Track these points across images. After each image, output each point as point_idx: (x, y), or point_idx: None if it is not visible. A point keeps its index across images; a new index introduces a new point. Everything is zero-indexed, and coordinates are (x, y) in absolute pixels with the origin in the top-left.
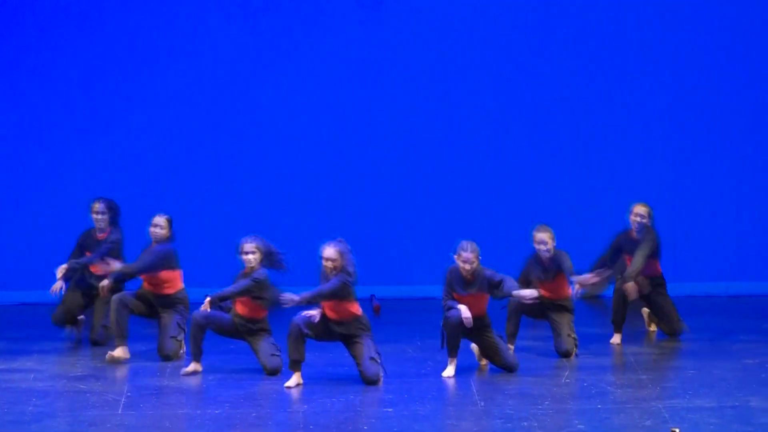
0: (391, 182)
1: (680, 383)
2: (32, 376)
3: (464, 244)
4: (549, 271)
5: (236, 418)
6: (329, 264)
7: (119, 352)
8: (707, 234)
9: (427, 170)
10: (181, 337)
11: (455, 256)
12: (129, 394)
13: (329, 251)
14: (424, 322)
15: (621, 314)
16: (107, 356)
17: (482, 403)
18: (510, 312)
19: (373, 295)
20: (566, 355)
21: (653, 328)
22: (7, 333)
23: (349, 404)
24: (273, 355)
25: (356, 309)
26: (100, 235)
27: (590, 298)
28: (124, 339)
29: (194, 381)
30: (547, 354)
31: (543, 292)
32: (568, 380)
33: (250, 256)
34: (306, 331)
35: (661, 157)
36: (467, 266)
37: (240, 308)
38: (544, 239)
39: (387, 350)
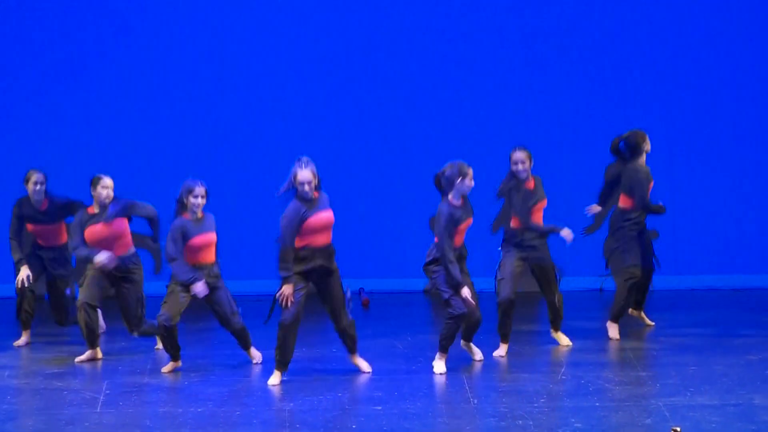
0: (382, 174)
1: (681, 380)
2: (6, 373)
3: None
4: (532, 198)
5: (219, 416)
6: (308, 187)
7: (91, 354)
8: (709, 226)
9: (418, 163)
10: (141, 311)
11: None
12: (107, 391)
13: (305, 174)
14: (413, 317)
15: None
16: (76, 360)
17: (475, 401)
18: (501, 312)
19: (361, 289)
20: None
21: (649, 322)
22: None
23: (337, 402)
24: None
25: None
26: (42, 207)
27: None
28: (96, 343)
29: (175, 378)
30: (543, 350)
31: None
32: (564, 377)
33: (200, 200)
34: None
35: (663, 151)
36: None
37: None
38: (521, 158)
39: (376, 346)
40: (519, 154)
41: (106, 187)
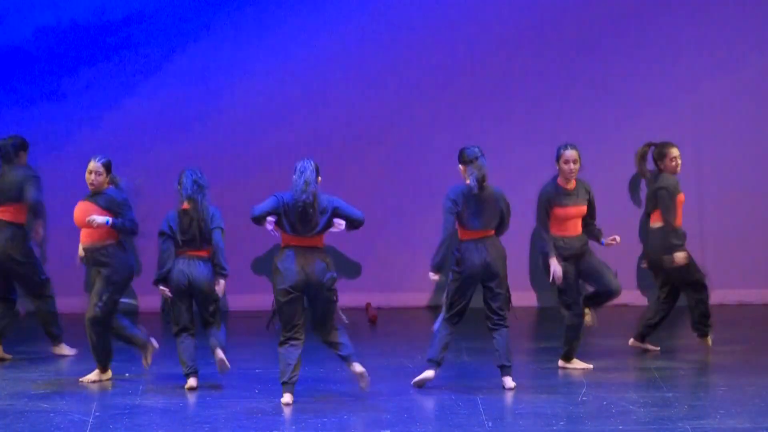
0: (389, 187)
1: (710, 402)
2: None
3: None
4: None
5: None
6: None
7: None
8: (739, 239)
9: (426, 176)
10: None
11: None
12: (97, 413)
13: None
14: (423, 333)
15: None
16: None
17: (490, 424)
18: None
19: (368, 304)
20: (618, 292)
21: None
22: None
23: (343, 425)
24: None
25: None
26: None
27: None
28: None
29: (169, 399)
30: (562, 373)
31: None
32: (585, 398)
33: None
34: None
35: (687, 165)
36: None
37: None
38: (573, 156)
39: (385, 365)
40: (571, 153)
41: (90, 172)
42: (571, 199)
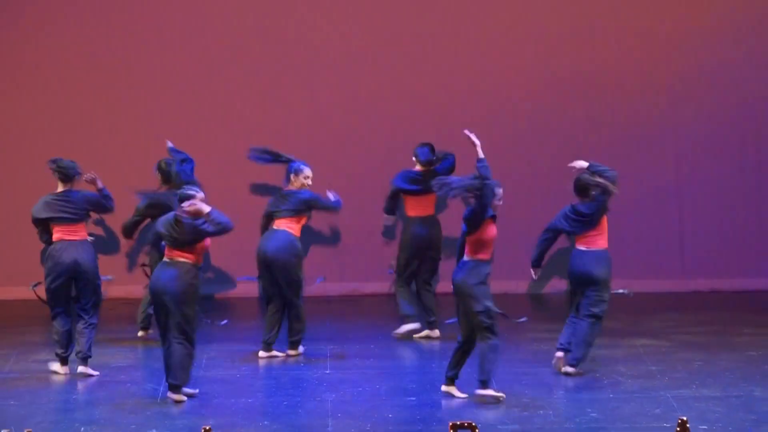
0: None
1: (687, 374)
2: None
3: None
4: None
5: (269, 406)
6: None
7: None
8: (713, 234)
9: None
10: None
11: None
12: (167, 384)
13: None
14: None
15: None
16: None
17: (501, 393)
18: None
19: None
20: None
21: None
22: None
23: (375, 393)
24: None
25: None
26: None
27: None
28: None
29: (227, 371)
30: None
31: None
32: (581, 371)
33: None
34: None
35: (670, 157)
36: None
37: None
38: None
39: (408, 342)
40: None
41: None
42: None
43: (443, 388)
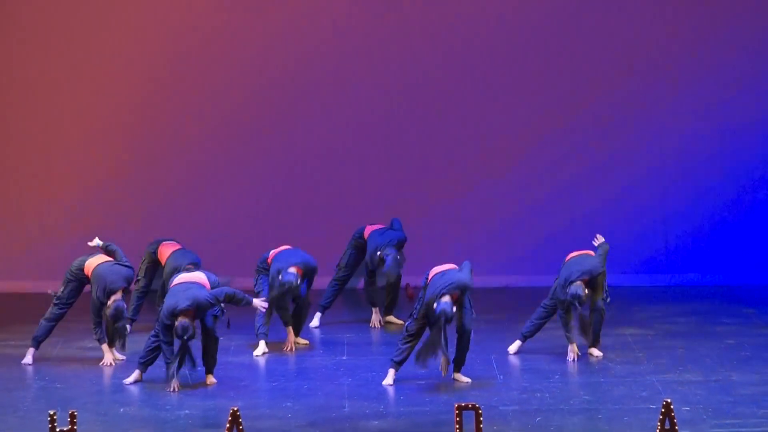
0: (393, 177)
1: (671, 360)
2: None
3: None
4: None
5: (290, 389)
6: None
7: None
8: (695, 231)
9: (428, 168)
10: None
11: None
12: (198, 367)
13: None
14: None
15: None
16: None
17: (501, 377)
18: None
19: (408, 284)
20: None
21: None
22: None
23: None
24: None
25: None
26: None
27: None
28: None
29: (253, 359)
30: (558, 335)
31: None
32: (575, 358)
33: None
34: None
35: (656, 159)
36: None
37: None
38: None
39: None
40: None
41: None
42: None
43: (453, 375)
